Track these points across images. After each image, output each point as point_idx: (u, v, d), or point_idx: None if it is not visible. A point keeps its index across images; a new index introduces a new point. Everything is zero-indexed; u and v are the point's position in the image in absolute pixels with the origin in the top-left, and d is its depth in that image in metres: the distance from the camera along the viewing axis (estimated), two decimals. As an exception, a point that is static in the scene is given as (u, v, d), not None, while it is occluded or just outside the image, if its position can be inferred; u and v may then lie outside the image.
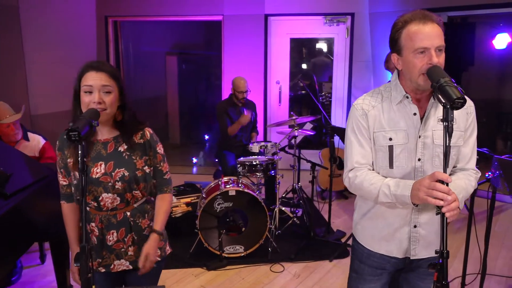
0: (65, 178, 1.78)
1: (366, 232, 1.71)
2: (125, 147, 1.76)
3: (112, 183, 1.71)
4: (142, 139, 1.79)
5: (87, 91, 1.62)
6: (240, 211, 3.53)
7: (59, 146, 1.76)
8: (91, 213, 1.77)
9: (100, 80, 1.62)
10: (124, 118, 1.74)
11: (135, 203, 1.80)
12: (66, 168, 1.76)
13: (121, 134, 1.76)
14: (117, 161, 1.73)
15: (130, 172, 1.73)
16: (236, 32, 5.84)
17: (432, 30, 1.45)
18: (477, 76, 5.66)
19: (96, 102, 1.60)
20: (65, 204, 1.82)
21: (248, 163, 3.79)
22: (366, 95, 1.67)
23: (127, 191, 1.74)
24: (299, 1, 5.76)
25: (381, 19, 5.57)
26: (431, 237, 1.64)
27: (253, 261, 3.49)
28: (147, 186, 1.80)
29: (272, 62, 6.11)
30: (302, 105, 6.91)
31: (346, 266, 3.46)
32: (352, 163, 1.62)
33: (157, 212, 1.86)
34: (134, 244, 1.82)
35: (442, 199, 1.32)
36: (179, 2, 5.85)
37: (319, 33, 6.09)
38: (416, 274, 1.72)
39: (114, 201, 1.73)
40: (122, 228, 1.78)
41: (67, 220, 1.83)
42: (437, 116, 1.56)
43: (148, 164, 1.80)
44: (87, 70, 1.64)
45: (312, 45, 6.65)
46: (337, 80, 6.13)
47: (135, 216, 1.80)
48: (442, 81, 1.35)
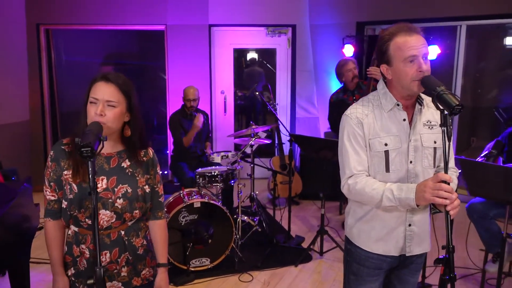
0: (54, 193, 1.64)
1: (364, 234, 1.79)
2: (128, 163, 1.68)
3: (112, 199, 1.62)
4: (146, 157, 1.73)
5: (93, 101, 1.56)
6: (205, 222, 3.48)
7: (54, 156, 1.62)
8: (81, 234, 1.65)
9: (107, 94, 1.55)
10: (132, 135, 1.67)
11: (130, 221, 1.71)
12: (58, 182, 1.63)
13: (125, 149, 1.69)
14: (120, 177, 1.65)
15: (133, 189, 1.65)
16: (180, 42, 5.77)
17: (418, 40, 1.59)
18: None
19: (98, 114, 1.53)
20: (51, 222, 1.67)
21: (208, 173, 3.76)
22: (356, 104, 1.76)
23: (127, 210, 1.65)
24: (242, 13, 5.85)
25: (322, 31, 5.85)
26: (423, 234, 1.77)
27: (221, 272, 3.46)
28: (145, 207, 1.72)
29: (216, 72, 6.12)
30: (247, 114, 7.00)
31: (311, 269, 3.57)
32: (351, 170, 1.69)
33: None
34: (128, 265, 1.72)
35: (447, 198, 1.44)
36: (118, 11, 5.65)
37: (261, 43, 6.22)
38: (408, 270, 1.84)
39: (110, 219, 1.64)
40: (116, 248, 1.68)
41: (51, 239, 1.68)
42: (422, 121, 1.70)
43: (148, 184, 1.73)
44: (98, 80, 1.58)
45: (254, 55, 6.77)
46: (280, 89, 6.30)
47: (129, 234, 1.71)
48: (439, 89, 1.48)
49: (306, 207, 5.19)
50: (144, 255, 1.76)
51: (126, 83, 1.63)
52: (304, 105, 6.06)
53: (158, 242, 1.82)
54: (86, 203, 1.59)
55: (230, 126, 6.33)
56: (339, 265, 3.62)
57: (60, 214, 1.67)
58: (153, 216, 1.81)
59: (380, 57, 1.67)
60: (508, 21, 5.17)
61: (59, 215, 1.67)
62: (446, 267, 1.46)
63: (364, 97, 1.79)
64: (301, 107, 6.08)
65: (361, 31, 5.58)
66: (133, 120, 1.67)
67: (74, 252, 1.67)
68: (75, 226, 1.66)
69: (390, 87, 1.70)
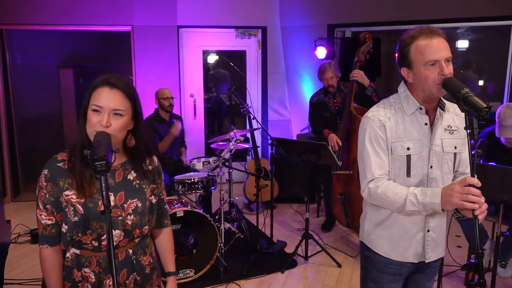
0: (51, 216, 1.46)
1: (383, 241, 1.74)
2: (134, 175, 1.54)
3: (123, 216, 1.47)
4: (151, 165, 1.60)
5: (96, 109, 1.38)
6: (189, 232, 3.33)
7: (50, 176, 1.43)
8: (84, 256, 1.48)
9: (113, 102, 1.39)
10: (137, 144, 1.52)
11: (137, 238, 1.56)
12: (56, 204, 1.44)
13: (128, 160, 1.53)
14: (128, 191, 1.50)
15: (143, 203, 1.51)
16: (147, 43, 5.55)
17: (440, 43, 1.56)
18: (384, 86, 6.26)
19: (103, 126, 1.36)
20: (48, 248, 1.48)
21: (188, 180, 3.61)
22: (378, 107, 1.71)
23: (137, 226, 1.50)
24: (211, 14, 5.71)
25: (293, 33, 5.83)
26: (439, 239, 1.75)
27: (206, 283, 3.32)
28: (152, 220, 1.58)
29: (185, 75, 5.95)
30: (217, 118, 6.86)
31: (298, 275, 3.51)
32: (372, 173, 1.64)
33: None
34: (136, 286, 1.57)
35: (476, 203, 1.41)
36: (80, 11, 5.34)
37: (231, 45, 6.11)
38: (424, 275, 1.81)
39: (118, 238, 1.48)
40: (124, 269, 1.52)
41: (49, 268, 1.49)
42: (443, 126, 1.67)
43: (154, 194, 1.60)
44: (100, 85, 1.40)
45: (218, 57, 6.64)
46: (250, 91, 6.21)
47: (137, 253, 1.56)
48: (464, 92, 1.45)
49: (282, 210, 5.13)
50: (151, 274, 1.63)
51: (129, 86, 1.48)
52: (277, 108, 6.01)
53: (166, 250, 1.73)
54: (93, 224, 1.42)
55: (201, 130, 6.17)
56: (325, 269, 3.58)
57: (59, 239, 1.48)
58: (159, 224, 1.69)
59: (401, 61, 1.63)
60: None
61: (57, 240, 1.49)
62: (475, 273, 1.43)
63: (384, 100, 1.74)
64: (273, 110, 6.03)
65: (332, 34, 5.61)
66: (138, 128, 1.53)
67: (75, 277, 1.50)
68: (77, 249, 1.49)
69: (411, 90, 1.66)
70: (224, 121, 7.18)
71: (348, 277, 3.45)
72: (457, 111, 1.73)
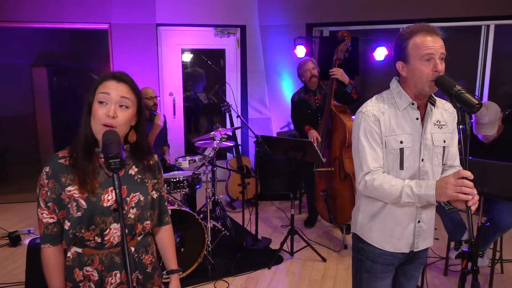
0: (53, 214, 1.44)
1: (377, 232, 1.81)
2: (135, 169, 1.55)
3: (126, 210, 1.48)
4: (151, 161, 1.60)
5: (103, 101, 1.39)
6: (176, 231, 3.32)
7: (51, 173, 1.42)
8: (86, 255, 1.48)
9: (121, 91, 1.41)
10: (138, 139, 1.52)
11: (139, 236, 1.57)
12: (58, 201, 1.43)
13: (129, 155, 1.55)
14: (131, 185, 1.51)
15: (145, 197, 1.53)
16: (125, 42, 5.47)
17: (436, 40, 1.63)
18: (362, 83, 6.39)
19: (110, 116, 1.37)
20: (49, 248, 1.46)
21: (173, 179, 3.60)
22: (371, 102, 1.77)
23: (139, 220, 1.51)
24: (190, 12, 5.69)
25: (272, 32, 5.87)
26: (429, 230, 1.84)
27: (195, 282, 3.33)
28: (153, 215, 1.59)
29: (164, 73, 5.91)
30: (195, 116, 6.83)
31: (285, 271, 3.56)
32: (368, 166, 1.70)
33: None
34: (138, 285, 1.58)
35: (470, 194, 1.49)
36: (56, 8, 5.21)
37: (210, 44, 6.10)
38: (413, 265, 1.89)
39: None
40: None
41: (51, 267, 1.48)
42: (433, 121, 1.75)
43: (155, 189, 1.61)
44: (107, 79, 1.43)
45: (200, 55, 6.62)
46: (230, 90, 6.22)
47: (139, 251, 1.57)
48: (456, 89, 1.53)
49: (264, 207, 5.18)
50: (152, 273, 1.64)
51: (134, 82, 1.52)
52: (256, 106, 6.06)
53: (168, 248, 1.73)
54: (97, 219, 1.42)
55: (180, 129, 6.14)
56: (311, 264, 3.65)
57: (61, 238, 1.48)
58: (160, 221, 1.70)
59: (397, 54, 1.69)
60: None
61: (59, 239, 1.48)
62: (469, 261, 1.51)
63: (377, 95, 1.80)
64: (253, 108, 6.06)
65: (310, 33, 5.69)
66: (140, 124, 1.54)
67: (76, 276, 1.49)
68: (78, 247, 1.48)
69: (404, 86, 1.73)
70: (200, 119, 7.16)
71: (334, 271, 3.53)
72: (446, 107, 1.81)
